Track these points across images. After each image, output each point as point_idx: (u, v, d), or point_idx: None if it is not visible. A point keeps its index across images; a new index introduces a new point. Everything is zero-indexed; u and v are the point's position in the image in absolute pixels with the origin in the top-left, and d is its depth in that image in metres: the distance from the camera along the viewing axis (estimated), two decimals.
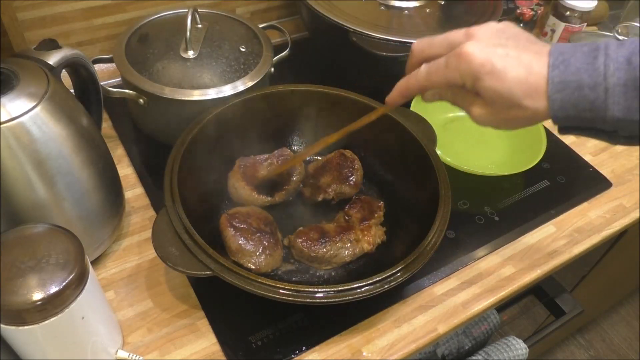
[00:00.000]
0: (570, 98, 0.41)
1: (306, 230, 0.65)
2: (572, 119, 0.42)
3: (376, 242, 0.66)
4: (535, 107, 0.42)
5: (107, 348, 0.54)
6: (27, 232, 0.47)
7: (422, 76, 0.47)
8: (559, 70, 0.41)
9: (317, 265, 0.64)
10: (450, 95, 0.48)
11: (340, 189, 0.70)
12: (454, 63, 0.44)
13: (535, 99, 0.42)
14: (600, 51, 0.40)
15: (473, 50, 0.42)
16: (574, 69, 0.40)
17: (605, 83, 0.39)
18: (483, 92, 0.44)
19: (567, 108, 0.41)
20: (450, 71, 0.44)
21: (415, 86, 0.48)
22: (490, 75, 0.42)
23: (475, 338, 0.80)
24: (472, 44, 0.43)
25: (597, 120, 0.41)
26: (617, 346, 1.68)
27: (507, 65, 0.42)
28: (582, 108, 0.41)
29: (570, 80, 0.40)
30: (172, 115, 0.73)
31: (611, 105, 0.40)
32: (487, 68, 0.42)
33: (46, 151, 0.52)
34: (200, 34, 0.76)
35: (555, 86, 0.41)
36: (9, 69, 0.52)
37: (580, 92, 0.40)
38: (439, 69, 0.45)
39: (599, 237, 0.74)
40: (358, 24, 0.78)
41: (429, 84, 0.47)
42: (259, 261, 0.61)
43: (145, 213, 0.71)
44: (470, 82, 0.44)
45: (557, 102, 0.41)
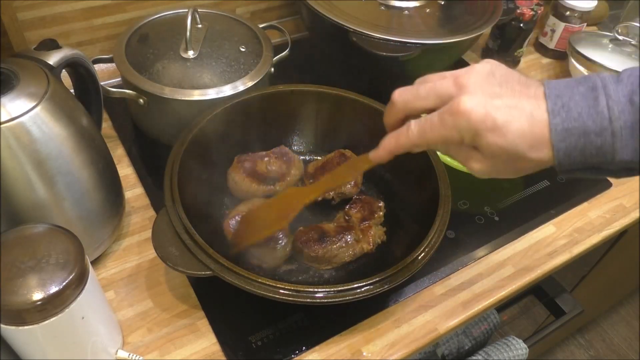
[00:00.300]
0: (576, 145, 0.39)
1: (306, 230, 0.65)
2: (578, 164, 0.40)
3: (376, 242, 0.66)
4: (540, 157, 0.40)
5: (107, 348, 0.54)
6: (27, 232, 0.47)
7: (414, 135, 0.44)
8: (561, 118, 0.39)
9: (317, 265, 0.64)
10: (443, 149, 0.45)
11: (340, 189, 0.70)
12: (450, 121, 0.41)
13: (539, 150, 0.40)
14: (599, 91, 0.39)
15: (471, 107, 0.40)
16: (575, 114, 0.39)
17: (611, 127, 0.38)
18: (485, 149, 0.41)
19: (573, 155, 0.40)
20: (446, 129, 0.42)
21: (406, 144, 0.45)
22: (492, 131, 0.40)
23: (475, 338, 0.80)
24: (469, 99, 0.40)
25: (604, 164, 0.40)
26: (617, 346, 1.68)
27: (508, 119, 0.39)
28: (589, 154, 0.39)
29: (574, 127, 0.39)
30: (172, 115, 0.73)
31: (620, 149, 0.38)
32: (488, 124, 0.40)
33: (46, 151, 0.52)
34: (200, 34, 0.76)
35: (558, 135, 0.39)
36: (9, 69, 0.52)
37: (586, 139, 0.39)
38: (434, 127, 0.42)
39: (599, 237, 0.74)
40: (358, 24, 0.78)
41: (423, 142, 0.44)
42: (265, 258, 0.61)
43: (145, 213, 0.71)
44: (469, 139, 0.41)
45: (562, 151, 0.39)
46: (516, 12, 0.95)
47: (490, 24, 0.85)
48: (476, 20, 0.85)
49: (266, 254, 0.62)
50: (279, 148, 0.73)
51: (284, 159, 0.72)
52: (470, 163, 0.44)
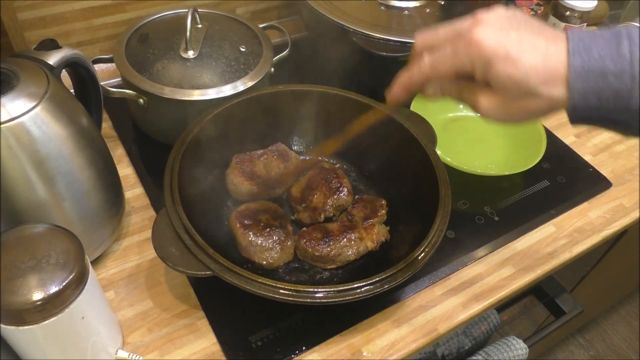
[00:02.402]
0: (593, 86, 0.38)
1: (310, 230, 0.65)
2: (593, 108, 0.40)
3: (380, 240, 0.66)
4: (553, 95, 0.40)
5: (107, 348, 0.54)
6: (27, 232, 0.47)
7: (426, 66, 0.43)
8: (581, 57, 0.38)
9: (321, 264, 0.64)
10: (454, 88, 0.44)
11: (338, 202, 0.69)
12: (463, 50, 0.41)
13: (553, 87, 0.39)
14: (623, 37, 0.38)
15: (484, 36, 0.39)
16: (596, 55, 0.38)
17: (631, 70, 0.37)
18: (495, 80, 0.40)
19: (589, 97, 0.39)
20: (458, 59, 0.41)
21: (418, 78, 0.44)
22: (505, 61, 0.39)
23: (475, 338, 0.80)
24: (483, 29, 0.40)
25: (618, 110, 0.39)
26: (617, 346, 1.68)
27: (522, 50, 0.39)
28: (605, 97, 0.38)
29: (593, 67, 0.38)
30: (172, 115, 0.73)
31: (637, 94, 0.38)
32: (500, 53, 0.39)
33: (46, 151, 0.52)
34: (200, 34, 0.76)
35: (576, 74, 0.38)
36: (9, 69, 0.52)
37: (604, 80, 0.38)
38: (446, 57, 0.42)
39: (599, 237, 0.74)
40: (358, 24, 0.78)
41: (435, 74, 0.43)
42: (270, 256, 0.61)
43: (145, 213, 0.71)
44: (481, 69, 0.40)
45: (578, 91, 0.39)
46: None
47: None
48: None
49: (270, 253, 0.62)
50: (276, 145, 0.73)
51: (282, 156, 0.72)
52: (481, 100, 0.43)
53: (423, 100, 0.84)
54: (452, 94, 0.45)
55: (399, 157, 0.71)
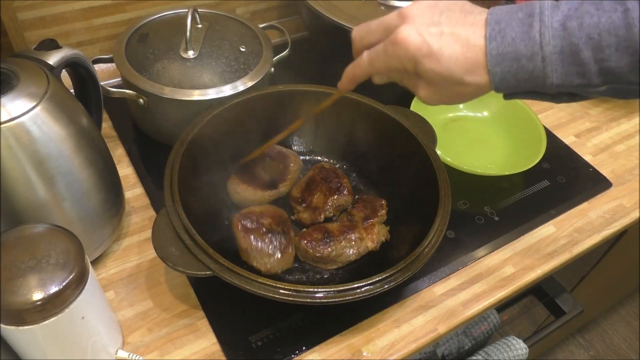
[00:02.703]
0: (509, 69, 0.41)
1: (310, 231, 0.65)
2: (514, 88, 0.42)
3: (380, 240, 0.66)
4: (477, 81, 0.42)
5: (107, 348, 0.54)
6: (27, 232, 0.47)
7: (365, 63, 0.47)
8: (496, 42, 0.41)
9: (322, 265, 0.64)
10: (397, 77, 0.48)
11: (337, 202, 0.69)
12: (392, 50, 0.44)
13: (476, 74, 0.42)
14: (535, 17, 0.40)
15: (407, 35, 0.42)
16: (509, 39, 0.40)
17: (542, 52, 0.39)
18: (424, 75, 0.44)
19: (508, 79, 0.41)
20: (389, 58, 0.45)
21: (360, 73, 0.49)
22: (428, 58, 0.42)
23: (475, 338, 0.80)
24: (406, 29, 0.43)
25: (537, 88, 0.42)
26: (617, 346, 1.68)
27: (442, 45, 0.42)
28: (522, 78, 0.41)
29: (508, 51, 0.40)
30: (172, 115, 0.73)
31: (549, 73, 0.40)
32: (423, 51, 0.42)
33: (46, 151, 0.52)
34: (200, 34, 0.76)
35: (493, 59, 0.41)
36: (9, 69, 0.52)
37: (518, 63, 0.40)
38: (379, 56, 0.45)
39: (599, 237, 0.74)
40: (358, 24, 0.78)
41: (373, 70, 0.47)
42: (269, 262, 0.61)
43: (145, 213, 0.71)
44: (410, 66, 0.44)
45: (497, 75, 0.41)
46: None
47: None
48: None
49: (269, 259, 0.61)
50: (270, 149, 0.73)
51: (280, 156, 0.72)
52: (418, 90, 0.47)
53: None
54: (396, 80, 0.49)
55: (399, 157, 0.72)
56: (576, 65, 0.39)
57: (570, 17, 0.39)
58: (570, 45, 0.39)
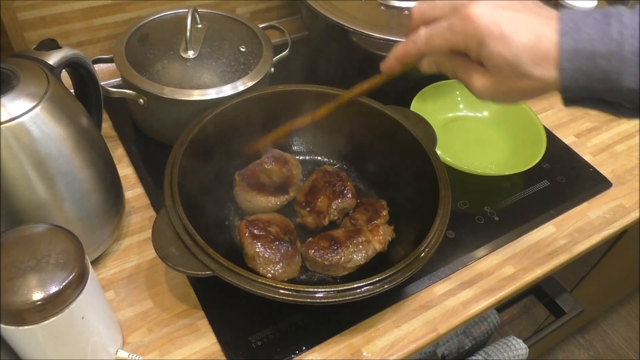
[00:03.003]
0: (582, 67, 0.38)
1: (316, 239, 0.65)
2: (583, 89, 0.40)
3: (387, 241, 0.65)
4: (544, 76, 0.40)
5: (107, 348, 0.54)
6: (27, 232, 0.47)
7: (421, 40, 0.43)
8: (571, 38, 0.38)
9: (332, 272, 0.63)
10: (449, 64, 0.45)
11: (342, 205, 0.69)
12: (458, 26, 0.40)
13: (544, 68, 0.39)
14: (612, 18, 0.38)
15: (480, 12, 0.39)
16: (586, 36, 0.38)
17: (620, 52, 0.37)
18: (488, 59, 0.40)
19: (579, 78, 0.39)
20: (453, 34, 0.41)
21: (413, 51, 0.44)
22: (497, 40, 0.39)
23: (475, 338, 0.80)
24: (478, 6, 0.40)
25: (609, 91, 0.39)
26: (617, 346, 1.68)
27: (515, 30, 0.39)
28: (595, 78, 0.39)
29: (583, 48, 0.38)
30: (172, 115, 0.73)
31: (626, 75, 0.38)
32: (494, 32, 0.39)
33: (46, 151, 0.52)
34: (200, 34, 0.76)
35: (566, 54, 0.38)
36: (9, 69, 0.52)
37: (593, 62, 0.38)
38: (441, 32, 0.42)
39: (599, 237, 0.74)
40: (358, 24, 0.78)
41: (429, 49, 0.43)
42: (275, 269, 0.60)
43: (145, 213, 0.71)
44: (474, 47, 0.40)
45: (568, 72, 0.39)
46: None
47: None
48: None
49: (275, 267, 0.61)
50: (270, 152, 0.73)
51: (280, 161, 0.72)
52: (473, 78, 0.43)
53: (423, 100, 0.84)
54: (446, 69, 0.45)
55: (399, 157, 0.71)
56: None
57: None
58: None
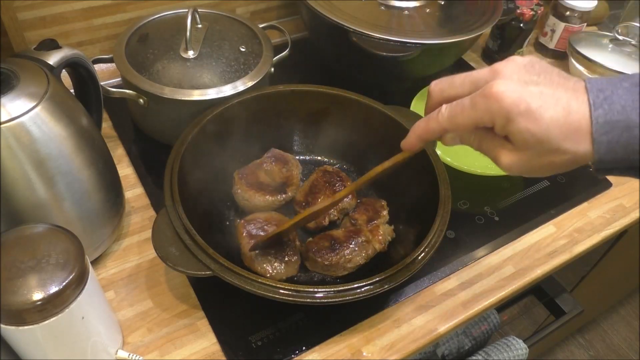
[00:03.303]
0: (619, 139, 0.37)
1: (316, 239, 0.65)
2: (620, 161, 0.38)
3: (387, 240, 0.65)
4: (577, 150, 0.38)
5: (107, 348, 0.54)
6: (27, 232, 0.47)
7: (444, 118, 0.42)
8: (603, 110, 0.37)
9: (332, 272, 0.63)
10: (474, 139, 0.44)
11: (342, 205, 0.69)
12: (483, 104, 0.39)
13: (576, 142, 0.38)
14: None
15: (504, 89, 0.38)
16: (619, 107, 0.37)
17: None
18: (516, 136, 0.39)
19: (616, 150, 0.38)
20: (477, 112, 0.40)
21: (436, 129, 0.44)
22: (525, 117, 0.38)
23: (475, 338, 0.80)
24: (502, 82, 0.39)
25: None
26: (617, 346, 1.68)
27: (543, 105, 0.38)
28: (632, 150, 0.37)
29: (617, 119, 0.37)
30: (172, 115, 0.73)
31: None
32: (520, 108, 0.38)
33: (46, 151, 0.52)
34: (200, 34, 0.76)
35: (600, 127, 0.37)
36: (9, 69, 0.52)
37: (630, 133, 0.37)
38: (465, 109, 0.41)
39: (599, 237, 0.74)
40: (358, 24, 0.78)
41: (453, 127, 0.42)
42: (274, 268, 0.61)
43: (145, 213, 0.71)
44: (501, 124, 0.39)
45: (603, 145, 0.38)
46: (516, 12, 0.95)
47: (490, 24, 0.85)
48: (476, 20, 0.85)
49: (273, 266, 0.61)
50: (271, 152, 0.73)
51: (281, 161, 0.72)
52: (501, 156, 0.42)
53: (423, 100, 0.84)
54: (471, 144, 0.45)
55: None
56: None
57: None
58: None
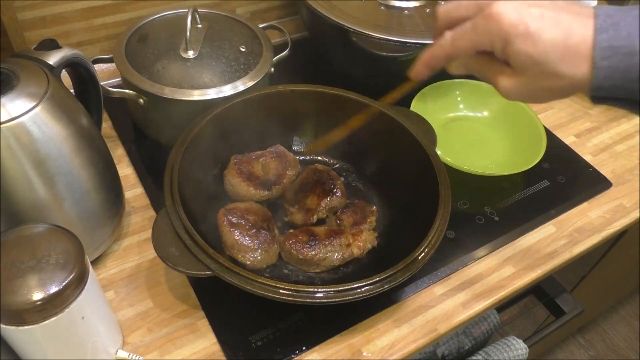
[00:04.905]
0: (619, 65, 0.37)
1: (296, 232, 0.65)
2: (616, 88, 0.38)
3: (366, 248, 0.65)
4: (574, 74, 0.38)
5: (107, 348, 0.54)
6: (27, 232, 0.47)
7: (447, 43, 0.43)
8: (608, 35, 0.37)
9: (305, 267, 0.64)
10: (476, 65, 0.44)
11: (330, 203, 0.69)
12: (483, 25, 0.40)
13: (574, 65, 0.38)
14: None
15: (504, 10, 0.38)
16: (625, 33, 0.36)
17: None
18: (514, 58, 0.39)
19: (615, 76, 0.37)
20: (478, 35, 0.40)
21: (440, 54, 0.44)
22: (523, 38, 0.38)
23: (475, 338, 0.80)
24: (503, 3, 0.39)
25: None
26: (617, 346, 1.68)
27: (542, 27, 0.38)
28: (631, 78, 0.37)
29: (621, 45, 0.36)
30: (172, 115, 0.73)
31: None
32: (519, 29, 0.38)
33: (46, 151, 0.52)
34: (200, 34, 0.76)
35: (602, 52, 0.37)
36: (9, 69, 0.52)
37: (631, 59, 0.36)
38: (466, 33, 0.41)
39: (599, 237, 0.74)
40: (358, 24, 0.78)
41: (456, 51, 0.43)
42: (254, 257, 0.61)
43: (145, 213, 0.71)
44: (500, 46, 0.40)
45: (602, 70, 0.37)
46: None
47: None
48: None
49: (254, 254, 0.62)
50: (275, 147, 0.73)
51: (280, 158, 0.72)
52: (500, 80, 0.42)
53: (423, 100, 0.84)
54: (474, 71, 0.45)
55: (399, 157, 0.71)
56: None
57: None
58: None
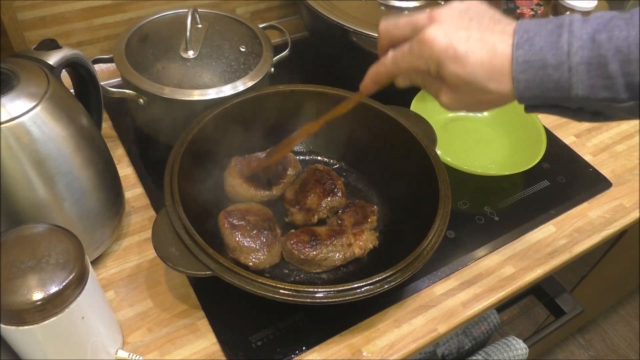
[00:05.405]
0: (534, 78, 0.40)
1: (297, 232, 0.65)
2: (538, 98, 0.42)
3: (367, 247, 0.65)
4: (500, 89, 0.42)
5: (107, 348, 0.54)
6: (27, 232, 0.47)
7: (389, 63, 0.47)
8: (523, 50, 0.40)
9: (306, 267, 0.64)
10: (419, 80, 0.47)
11: (331, 203, 0.69)
12: (417, 50, 0.43)
13: (500, 82, 0.41)
14: (564, 28, 0.40)
15: (435, 36, 0.42)
16: (537, 48, 0.40)
17: (568, 62, 0.39)
18: (447, 78, 0.43)
19: (532, 88, 0.41)
20: (414, 58, 0.44)
21: (384, 73, 0.48)
22: (453, 61, 0.42)
23: (475, 338, 0.80)
24: (434, 29, 0.42)
25: (562, 99, 0.41)
26: (617, 346, 1.68)
27: (469, 49, 0.41)
28: (547, 88, 0.41)
29: (534, 59, 0.40)
30: (172, 115, 0.73)
31: (575, 84, 0.40)
32: (449, 54, 0.42)
33: (46, 151, 0.52)
34: (200, 34, 0.76)
35: (519, 66, 0.40)
36: (9, 69, 0.52)
37: (544, 72, 0.40)
38: (404, 55, 0.45)
39: (599, 237, 0.74)
40: (358, 24, 0.78)
41: (397, 71, 0.47)
42: (257, 257, 0.61)
43: (145, 213, 0.71)
44: (434, 68, 0.43)
45: (521, 83, 0.41)
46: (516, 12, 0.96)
47: None
48: None
49: (256, 254, 0.62)
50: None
51: (281, 160, 0.72)
52: (440, 95, 0.46)
53: (423, 100, 0.84)
54: (419, 85, 0.48)
55: (399, 157, 0.72)
56: (603, 78, 0.39)
57: (599, 30, 0.39)
58: (598, 57, 0.38)
